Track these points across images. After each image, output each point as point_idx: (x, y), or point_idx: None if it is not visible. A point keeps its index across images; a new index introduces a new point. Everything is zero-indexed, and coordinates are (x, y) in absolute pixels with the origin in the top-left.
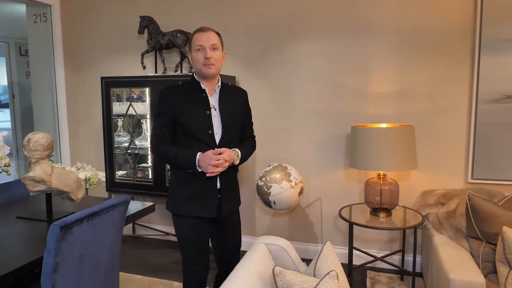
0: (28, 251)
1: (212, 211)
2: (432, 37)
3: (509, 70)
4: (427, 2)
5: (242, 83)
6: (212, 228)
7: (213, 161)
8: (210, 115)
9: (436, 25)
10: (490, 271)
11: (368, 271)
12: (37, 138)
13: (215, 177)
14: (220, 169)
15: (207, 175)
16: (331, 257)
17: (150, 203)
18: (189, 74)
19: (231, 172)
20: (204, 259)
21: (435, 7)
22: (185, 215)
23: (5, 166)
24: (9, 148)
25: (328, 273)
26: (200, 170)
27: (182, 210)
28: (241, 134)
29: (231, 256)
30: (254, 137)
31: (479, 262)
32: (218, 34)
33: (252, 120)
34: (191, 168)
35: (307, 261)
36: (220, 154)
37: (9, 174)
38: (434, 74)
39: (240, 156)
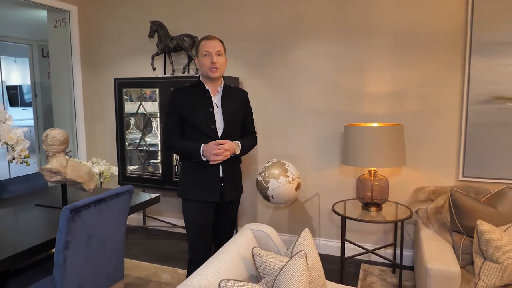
0: (45, 232)
1: (215, 196)
2: (425, 40)
3: (498, 71)
4: (421, 6)
5: (246, 84)
6: (215, 213)
7: (214, 151)
8: (213, 112)
9: (429, 28)
10: (468, 262)
11: (362, 264)
12: (54, 134)
13: (218, 166)
14: (221, 158)
15: (210, 162)
16: (307, 241)
17: (156, 195)
18: (196, 75)
19: (233, 162)
20: (207, 240)
21: (428, 11)
22: (193, 199)
23: (25, 157)
24: (29, 142)
25: (298, 253)
26: (204, 159)
27: (190, 195)
28: (243, 130)
29: (226, 238)
30: (255, 133)
31: (459, 254)
32: (221, 41)
33: (254, 118)
34: (196, 157)
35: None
36: (221, 144)
37: (28, 165)
38: (427, 75)
39: (240, 147)
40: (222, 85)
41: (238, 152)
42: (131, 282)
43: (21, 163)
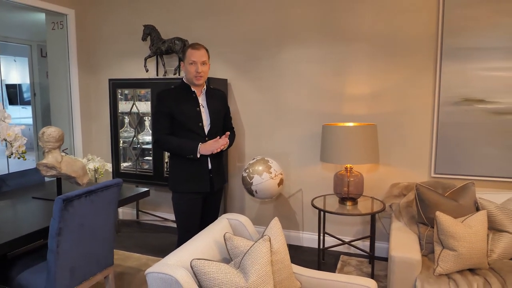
0: (40, 221)
1: (206, 187)
2: (400, 45)
3: (467, 75)
4: (396, 14)
5: (234, 86)
6: (203, 203)
7: (215, 149)
8: (200, 111)
9: (404, 35)
10: (431, 251)
11: (341, 255)
12: (50, 131)
13: (206, 160)
14: (218, 150)
15: (213, 152)
16: (275, 229)
17: (146, 189)
18: None
19: (219, 156)
20: (196, 229)
21: (403, 19)
22: (184, 192)
23: (22, 153)
24: (26, 139)
25: (262, 236)
26: (198, 156)
27: (182, 188)
28: (223, 126)
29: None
30: (234, 128)
31: (423, 244)
32: (207, 50)
33: (242, 118)
34: (192, 154)
35: (288, 246)
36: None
37: (25, 159)
38: (402, 78)
39: (228, 142)
40: (205, 87)
41: (226, 146)
42: (122, 272)
43: (18, 158)
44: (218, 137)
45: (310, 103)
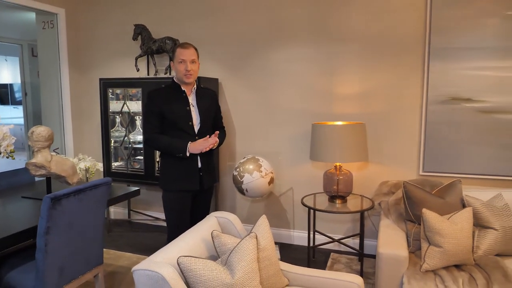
0: (29, 220)
1: (195, 185)
2: (389, 45)
3: (454, 75)
4: (386, 15)
5: (225, 85)
6: (192, 201)
7: (204, 148)
8: (190, 110)
9: (393, 35)
10: (418, 248)
11: (332, 253)
12: (39, 131)
13: (196, 158)
14: (207, 149)
15: (203, 151)
16: (263, 226)
17: (136, 188)
18: None
19: (209, 155)
20: (186, 226)
21: (392, 18)
22: (174, 190)
23: (10, 152)
24: (14, 138)
25: (249, 234)
26: (188, 154)
27: (173, 186)
28: (214, 125)
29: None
30: (224, 127)
31: (410, 241)
32: (196, 49)
33: (233, 117)
34: (182, 153)
35: (279, 244)
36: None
37: (14, 158)
38: (391, 78)
39: (218, 141)
40: (195, 86)
41: (216, 145)
42: (114, 271)
43: (7, 157)
44: (208, 136)
45: (301, 103)
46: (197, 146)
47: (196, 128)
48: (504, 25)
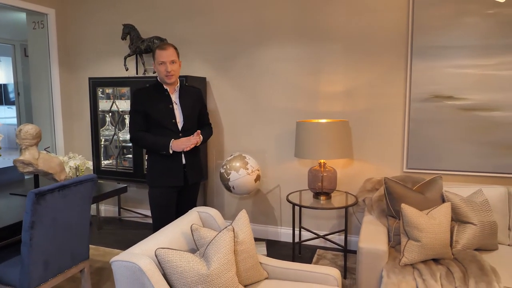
0: (15, 216)
1: (180, 181)
2: (373, 44)
3: (436, 73)
4: (369, 14)
5: (213, 84)
6: (178, 197)
7: (186, 147)
8: (172, 108)
9: (376, 34)
10: (398, 242)
11: (318, 250)
12: (27, 129)
13: (181, 155)
14: (190, 147)
15: (185, 149)
16: (242, 220)
17: (124, 185)
18: None
19: (194, 152)
20: (171, 221)
21: (375, 19)
22: (160, 185)
23: None
24: (2, 135)
25: (226, 227)
26: (171, 152)
27: (158, 182)
28: (200, 122)
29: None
30: (211, 124)
31: (391, 236)
32: (175, 48)
33: (221, 116)
34: (165, 150)
35: (266, 241)
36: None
37: (0, 155)
38: (375, 76)
39: (202, 138)
40: (179, 84)
41: (200, 141)
42: (102, 267)
43: None
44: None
45: (287, 101)
46: (179, 144)
47: (180, 125)
48: (484, 23)
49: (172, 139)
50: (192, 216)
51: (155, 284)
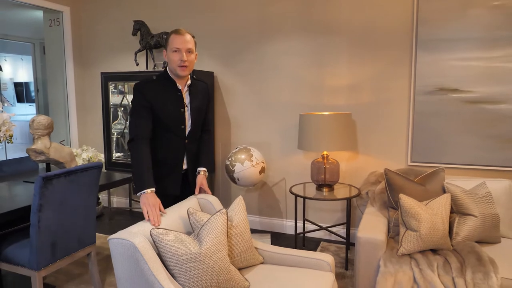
0: (26, 200)
1: (176, 189)
2: (377, 38)
3: (441, 65)
4: (373, 7)
5: (220, 78)
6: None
7: (147, 215)
8: (184, 112)
9: (380, 27)
10: (398, 233)
11: (322, 242)
12: (39, 119)
13: (183, 160)
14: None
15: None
16: (238, 206)
17: (130, 175)
18: None
19: (196, 155)
20: None
21: (380, 11)
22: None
23: (9, 136)
24: (15, 124)
25: (220, 210)
26: (136, 193)
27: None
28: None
29: None
30: (210, 130)
31: (391, 227)
32: (193, 36)
33: (228, 110)
34: (138, 189)
35: (271, 233)
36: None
37: (12, 143)
38: (379, 69)
39: (206, 171)
40: (190, 81)
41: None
42: (110, 255)
43: (7, 142)
44: (163, 212)
45: (291, 95)
46: (146, 204)
47: (187, 131)
48: (490, 15)
49: (151, 190)
50: (191, 202)
51: (148, 260)
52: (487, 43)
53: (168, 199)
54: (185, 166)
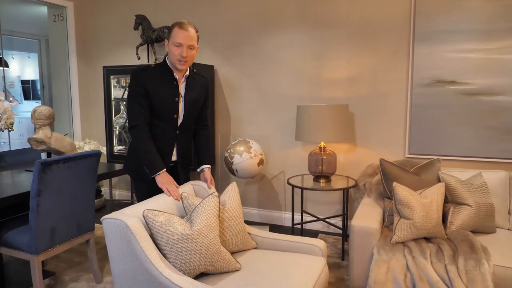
0: (27, 186)
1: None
2: (375, 30)
3: (438, 58)
4: (371, 0)
5: (220, 72)
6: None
7: (168, 193)
8: (178, 102)
9: (378, 20)
10: (392, 222)
11: (320, 234)
12: (41, 110)
13: (171, 151)
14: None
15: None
16: (231, 192)
17: None
18: None
19: (187, 150)
20: None
21: (377, 3)
22: (145, 180)
23: (10, 124)
24: (16, 114)
25: (212, 193)
26: (151, 177)
27: (142, 175)
28: (197, 119)
29: None
30: (208, 126)
31: (386, 216)
32: (196, 31)
33: (228, 103)
34: (150, 173)
35: (270, 225)
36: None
37: (12, 130)
38: (377, 62)
39: (210, 166)
40: (188, 73)
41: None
42: None
43: (8, 130)
44: (178, 187)
45: (290, 88)
46: (164, 183)
47: (179, 121)
48: (487, 7)
49: (164, 170)
50: (186, 188)
51: (140, 240)
52: (484, 34)
53: (156, 189)
54: (174, 158)
